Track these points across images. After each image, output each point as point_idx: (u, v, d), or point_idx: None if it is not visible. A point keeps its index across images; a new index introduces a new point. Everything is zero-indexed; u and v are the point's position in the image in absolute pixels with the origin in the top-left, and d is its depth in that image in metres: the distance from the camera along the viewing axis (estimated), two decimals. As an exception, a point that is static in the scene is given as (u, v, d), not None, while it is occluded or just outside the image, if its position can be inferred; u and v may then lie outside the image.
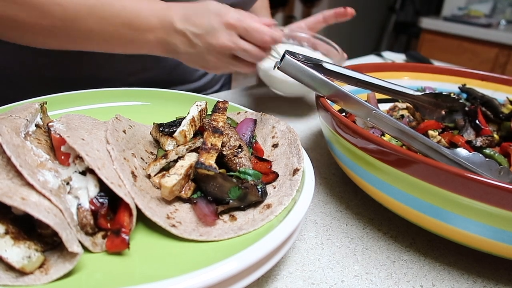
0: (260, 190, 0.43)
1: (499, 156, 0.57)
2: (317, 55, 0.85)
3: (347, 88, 0.55)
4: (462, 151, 0.53)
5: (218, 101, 0.53)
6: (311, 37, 0.85)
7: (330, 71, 0.57)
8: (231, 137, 0.48)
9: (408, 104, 0.68)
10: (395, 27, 4.09)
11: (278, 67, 0.53)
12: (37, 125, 0.47)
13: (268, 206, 0.43)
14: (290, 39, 0.85)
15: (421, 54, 1.35)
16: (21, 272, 0.33)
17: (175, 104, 0.67)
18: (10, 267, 0.33)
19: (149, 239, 0.39)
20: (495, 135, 0.62)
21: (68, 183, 0.40)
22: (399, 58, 1.36)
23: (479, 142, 0.59)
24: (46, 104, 0.51)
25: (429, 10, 3.76)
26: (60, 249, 0.36)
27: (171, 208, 0.42)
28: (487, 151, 0.57)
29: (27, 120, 0.44)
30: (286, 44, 0.84)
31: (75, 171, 0.41)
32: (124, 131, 0.49)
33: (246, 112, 0.61)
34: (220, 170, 0.43)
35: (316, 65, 0.56)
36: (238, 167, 0.46)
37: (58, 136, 0.41)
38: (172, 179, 0.41)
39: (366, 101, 0.52)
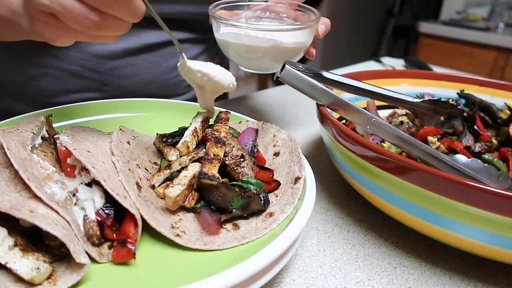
0: (262, 198, 0.44)
1: (498, 161, 0.57)
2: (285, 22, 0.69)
3: (346, 96, 0.56)
4: (461, 157, 0.54)
5: (220, 111, 0.54)
6: (292, 8, 0.69)
7: (329, 80, 0.58)
8: (233, 147, 0.49)
9: (407, 111, 0.69)
10: (394, 31, 4.10)
11: (278, 77, 0.54)
12: (43, 138, 0.47)
13: (271, 214, 0.44)
14: (267, 12, 0.70)
15: (420, 58, 1.36)
16: (30, 284, 0.33)
17: (177, 114, 0.68)
18: (19, 279, 0.34)
19: (154, 249, 0.40)
20: (494, 140, 0.63)
21: (74, 195, 0.41)
22: (398, 63, 1.37)
23: (477, 147, 0.60)
24: (51, 116, 0.52)
25: (428, 14, 3.78)
26: (67, 260, 0.36)
27: (175, 218, 0.43)
28: (486, 156, 0.58)
29: (33, 133, 0.45)
30: (264, 19, 0.70)
31: (81, 183, 0.41)
32: (128, 142, 0.49)
33: (247, 121, 0.62)
34: (223, 180, 0.44)
35: (316, 74, 0.57)
36: (240, 177, 0.47)
37: (64, 148, 0.42)
38: (176, 189, 0.42)
39: (365, 108, 0.53)
